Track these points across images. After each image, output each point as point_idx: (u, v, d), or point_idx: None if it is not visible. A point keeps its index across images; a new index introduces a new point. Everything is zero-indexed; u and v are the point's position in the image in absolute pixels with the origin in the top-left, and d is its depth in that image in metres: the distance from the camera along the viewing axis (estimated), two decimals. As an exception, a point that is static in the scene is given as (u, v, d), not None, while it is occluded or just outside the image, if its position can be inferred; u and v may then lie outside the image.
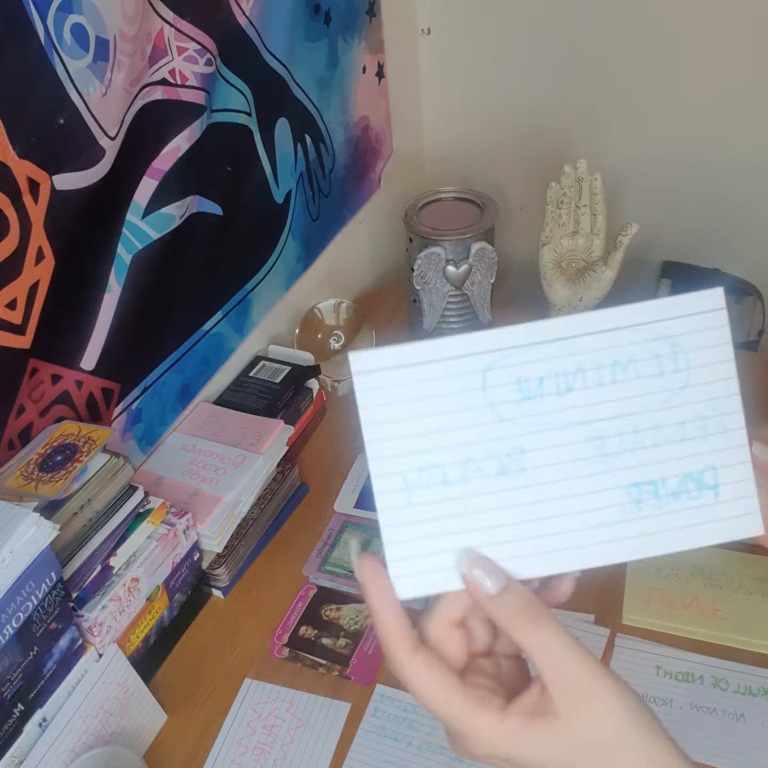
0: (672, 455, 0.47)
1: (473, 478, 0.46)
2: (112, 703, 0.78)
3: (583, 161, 1.11)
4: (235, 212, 1.04)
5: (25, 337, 0.79)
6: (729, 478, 0.47)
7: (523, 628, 0.43)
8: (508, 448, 0.46)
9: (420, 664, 0.43)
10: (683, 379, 0.47)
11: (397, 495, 0.46)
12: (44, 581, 0.70)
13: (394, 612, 0.44)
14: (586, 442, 0.46)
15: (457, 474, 0.46)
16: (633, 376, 0.46)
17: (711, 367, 0.47)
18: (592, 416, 0.46)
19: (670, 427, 0.47)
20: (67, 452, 0.78)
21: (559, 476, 0.46)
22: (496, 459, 0.46)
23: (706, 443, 0.47)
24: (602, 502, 0.46)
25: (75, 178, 0.79)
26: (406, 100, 1.41)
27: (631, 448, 0.46)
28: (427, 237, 1.18)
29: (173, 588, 0.88)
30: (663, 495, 0.46)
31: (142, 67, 0.84)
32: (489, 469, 0.46)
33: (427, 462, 0.46)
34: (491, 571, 0.44)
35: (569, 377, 0.46)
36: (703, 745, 0.76)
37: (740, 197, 1.29)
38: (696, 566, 0.90)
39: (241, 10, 0.97)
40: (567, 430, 0.46)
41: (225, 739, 0.82)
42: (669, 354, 0.46)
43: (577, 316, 0.46)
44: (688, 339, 0.47)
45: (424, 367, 0.46)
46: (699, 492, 0.47)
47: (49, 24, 0.73)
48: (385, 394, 0.45)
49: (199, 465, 0.98)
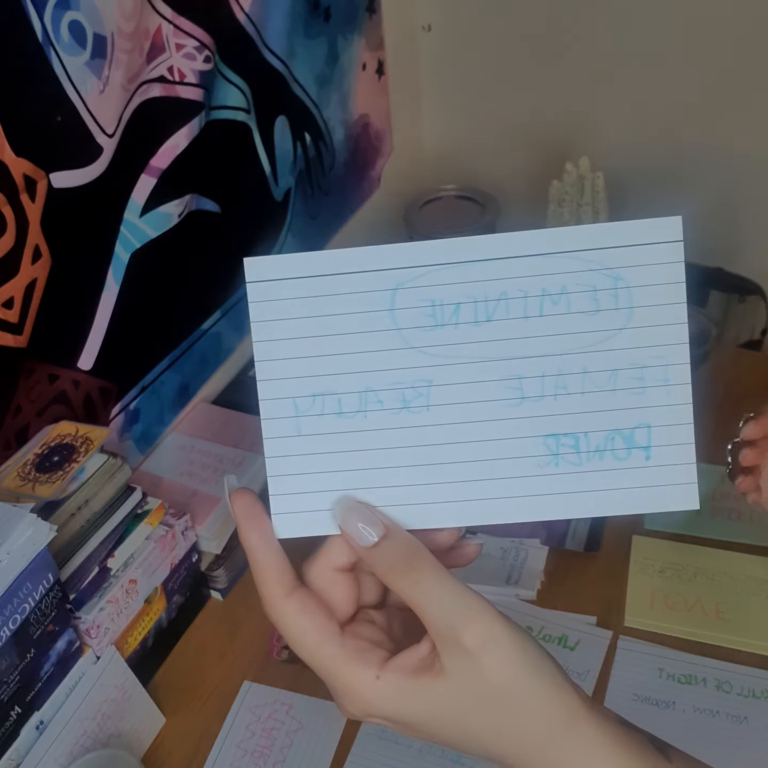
0: (600, 406, 0.40)
1: (371, 410, 0.41)
2: (109, 706, 0.78)
3: (585, 159, 1.11)
4: (233, 210, 1.03)
5: (21, 337, 0.78)
6: (665, 439, 0.40)
7: (402, 580, 0.38)
8: (414, 380, 0.40)
9: (294, 608, 0.39)
10: (623, 318, 0.40)
11: (285, 423, 0.41)
12: (41, 583, 0.69)
13: (270, 551, 0.40)
14: (501, 381, 0.40)
15: (354, 404, 0.41)
16: (564, 310, 0.40)
17: (658, 308, 0.40)
18: (511, 352, 0.40)
19: (601, 373, 0.40)
20: (65, 453, 0.77)
21: (467, 417, 0.40)
22: (398, 391, 0.40)
23: (642, 397, 0.40)
24: (513, 452, 0.40)
25: (72, 176, 0.78)
26: (406, 98, 1.40)
27: (553, 394, 0.40)
28: (428, 235, 1.17)
29: (171, 590, 0.88)
30: (584, 451, 0.40)
31: (140, 64, 0.84)
32: (389, 402, 0.41)
33: (322, 388, 0.41)
34: (368, 520, 0.40)
35: (490, 305, 0.40)
36: (706, 748, 0.75)
37: (744, 196, 1.28)
38: (699, 567, 0.89)
39: (240, 7, 0.96)
40: (481, 365, 0.40)
41: (224, 742, 0.81)
42: (609, 288, 0.40)
43: (508, 235, 0.40)
44: (634, 273, 0.40)
45: (328, 279, 0.40)
46: (627, 452, 0.40)
47: (47, 21, 0.72)
48: (280, 306, 0.40)
49: (197, 465, 0.97)
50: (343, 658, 0.39)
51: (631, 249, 0.40)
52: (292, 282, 0.40)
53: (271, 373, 0.41)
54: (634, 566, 0.90)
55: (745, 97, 1.21)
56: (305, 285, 0.40)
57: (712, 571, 0.89)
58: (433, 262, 0.40)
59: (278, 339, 0.40)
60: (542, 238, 0.40)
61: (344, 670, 0.39)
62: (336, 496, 0.41)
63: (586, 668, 0.83)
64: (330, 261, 0.40)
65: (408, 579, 0.38)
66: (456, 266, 0.40)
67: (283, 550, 0.41)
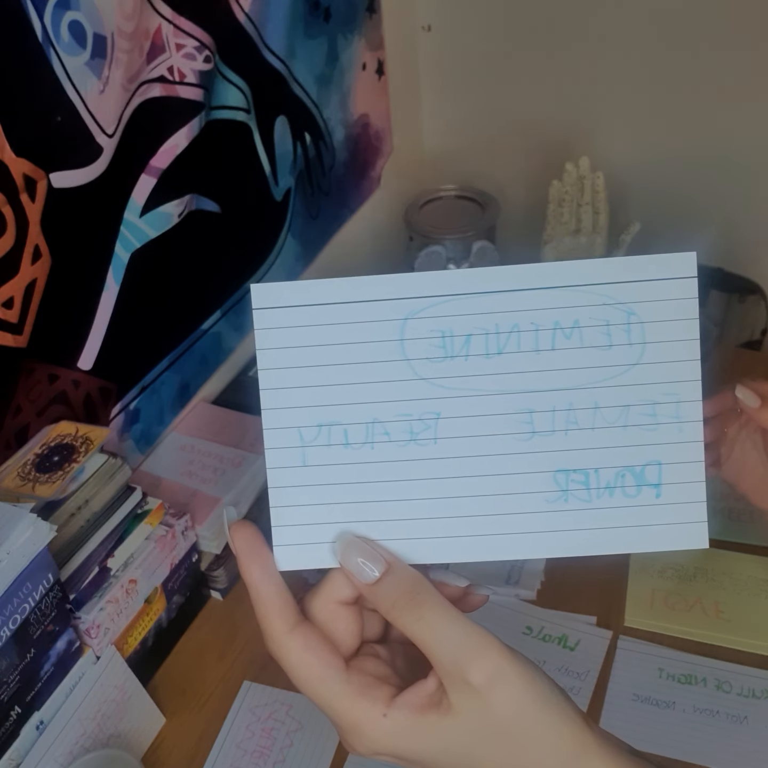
0: (611, 442, 0.40)
1: (378, 442, 0.40)
2: (109, 706, 0.78)
3: (585, 159, 1.11)
4: (233, 210, 1.03)
5: (21, 337, 0.78)
6: (676, 477, 0.40)
7: (406, 617, 0.38)
8: (422, 412, 0.40)
9: (297, 644, 0.39)
10: (636, 354, 0.40)
11: (291, 453, 0.40)
12: (41, 583, 0.69)
13: (272, 585, 0.40)
14: (511, 415, 0.40)
15: (361, 435, 0.40)
16: (576, 344, 0.40)
17: (671, 344, 0.40)
18: (522, 386, 0.40)
19: (612, 409, 0.40)
20: (65, 452, 0.77)
21: (476, 451, 0.40)
22: (406, 423, 0.40)
23: (654, 433, 0.40)
24: (522, 488, 0.40)
25: (72, 176, 0.78)
26: (406, 98, 1.40)
27: (564, 429, 0.40)
28: (428, 236, 1.17)
29: (171, 590, 0.88)
30: (594, 487, 0.40)
31: (140, 64, 0.84)
32: (397, 434, 0.40)
33: (328, 418, 0.40)
34: (369, 556, 0.39)
35: (501, 337, 0.40)
36: (706, 748, 0.75)
37: (743, 195, 1.28)
38: (699, 567, 0.89)
39: (240, 7, 0.96)
40: (492, 398, 0.40)
41: (224, 743, 0.81)
42: (623, 323, 0.40)
43: (521, 267, 0.40)
44: (647, 308, 0.40)
45: (336, 308, 0.40)
46: (637, 489, 0.40)
47: (47, 21, 0.72)
48: (287, 334, 0.40)
49: (197, 465, 0.97)
50: (349, 696, 0.38)
51: (644, 284, 0.40)
52: (300, 309, 0.40)
53: (276, 402, 0.40)
54: (634, 566, 0.90)
55: (746, 98, 1.21)
56: (313, 313, 0.40)
57: (712, 571, 0.89)
58: (445, 292, 0.40)
59: (284, 367, 0.40)
60: (555, 271, 0.40)
61: (351, 708, 0.38)
62: (339, 529, 0.40)
63: (586, 668, 0.83)
64: (339, 289, 0.40)
65: (411, 615, 0.37)
66: (468, 297, 0.40)
67: (285, 584, 0.40)
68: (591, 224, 1.14)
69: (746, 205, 1.29)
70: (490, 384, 0.40)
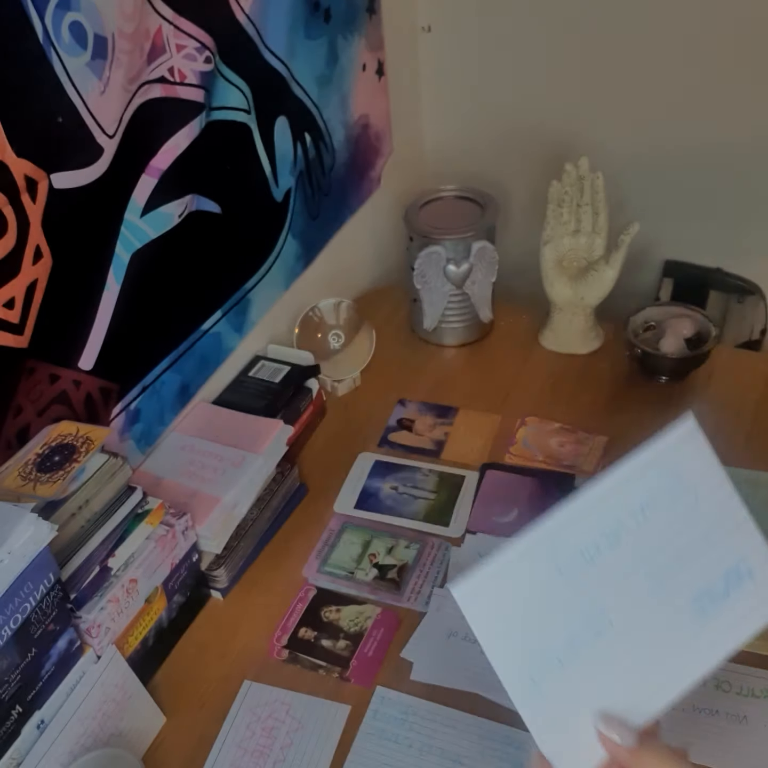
0: (711, 561, 0.56)
1: (581, 649, 0.54)
2: (110, 705, 0.78)
3: (585, 159, 1.11)
4: (234, 211, 1.03)
5: (22, 337, 0.78)
6: (756, 561, 0.57)
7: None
8: (595, 613, 0.54)
9: None
10: (693, 496, 0.56)
11: (530, 692, 0.53)
12: (42, 582, 0.69)
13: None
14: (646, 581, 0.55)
15: (569, 653, 0.54)
16: (659, 508, 0.55)
17: (708, 479, 0.57)
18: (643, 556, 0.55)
19: (699, 540, 0.56)
20: (65, 452, 0.77)
21: (640, 617, 0.55)
22: (590, 627, 0.54)
23: (729, 541, 0.57)
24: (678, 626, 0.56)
25: (73, 177, 0.79)
26: (406, 98, 1.40)
27: (679, 568, 0.56)
28: (428, 236, 1.18)
29: (172, 589, 0.88)
30: (718, 596, 0.56)
31: (140, 64, 0.84)
32: (588, 637, 0.54)
33: (544, 655, 0.53)
34: (623, 729, 0.51)
35: (613, 532, 0.55)
36: (706, 747, 0.76)
37: (743, 196, 1.28)
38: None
39: (241, 8, 0.96)
40: (629, 576, 0.55)
41: (224, 742, 0.81)
42: (674, 480, 0.56)
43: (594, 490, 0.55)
44: (682, 462, 0.56)
45: (509, 578, 0.53)
46: (740, 581, 0.57)
47: (48, 22, 0.72)
48: (489, 610, 0.53)
49: (197, 465, 0.97)
50: None
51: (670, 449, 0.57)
52: (489, 589, 0.53)
53: (504, 661, 0.53)
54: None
55: (746, 97, 1.21)
56: (498, 587, 0.53)
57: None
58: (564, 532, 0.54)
59: (497, 635, 0.53)
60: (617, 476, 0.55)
61: None
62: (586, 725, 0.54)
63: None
64: (504, 564, 0.53)
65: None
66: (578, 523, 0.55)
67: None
68: (591, 224, 1.14)
69: (746, 206, 1.29)
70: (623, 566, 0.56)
